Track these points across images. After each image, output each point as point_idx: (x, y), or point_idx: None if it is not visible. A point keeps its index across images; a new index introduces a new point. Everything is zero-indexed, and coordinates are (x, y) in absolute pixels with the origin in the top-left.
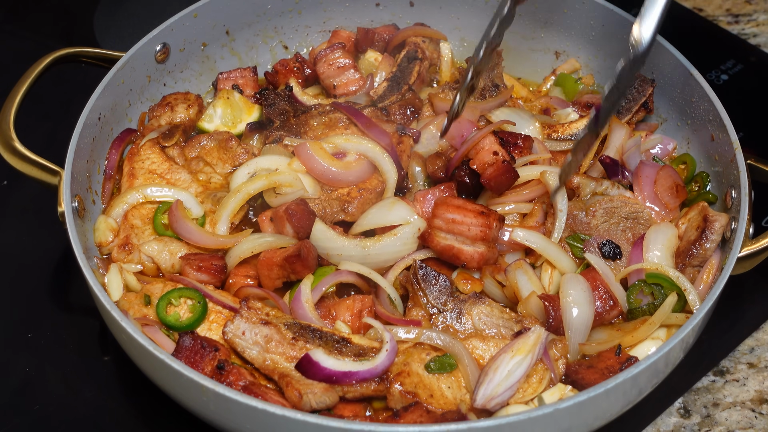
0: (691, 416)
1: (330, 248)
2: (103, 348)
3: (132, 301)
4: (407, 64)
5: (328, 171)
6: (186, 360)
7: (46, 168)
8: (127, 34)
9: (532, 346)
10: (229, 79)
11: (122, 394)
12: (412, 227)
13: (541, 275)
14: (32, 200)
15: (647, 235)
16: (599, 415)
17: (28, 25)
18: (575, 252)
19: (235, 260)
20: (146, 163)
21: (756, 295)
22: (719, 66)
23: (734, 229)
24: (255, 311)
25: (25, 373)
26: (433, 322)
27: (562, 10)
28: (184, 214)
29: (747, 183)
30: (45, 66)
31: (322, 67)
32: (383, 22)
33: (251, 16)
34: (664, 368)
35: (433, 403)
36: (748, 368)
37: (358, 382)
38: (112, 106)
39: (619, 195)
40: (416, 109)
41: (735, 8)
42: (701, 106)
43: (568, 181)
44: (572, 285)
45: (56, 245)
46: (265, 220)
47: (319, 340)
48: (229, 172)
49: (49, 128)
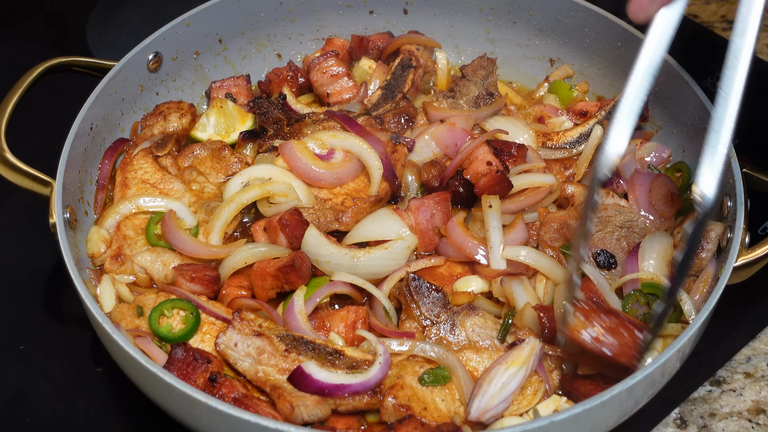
0: (688, 427)
1: (320, 254)
2: (95, 359)
3: (124, 312)
4: (401, 72)
5: (310, 170)
6: (178, 372)
7: (38, 179)
8: (120, 42)
9: (526, 357)
10: (222, 87)
11: (115, 405)
12: (403, 243)
13: (536, 285)
14: (24, 211)
15: (642, 244)
16: (595, 426)
17: (20, 34)
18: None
19: (229, 271)
20: (139, 172)
21: (752, 304)
22: (714, 73)
23: (730, 239)
24: (247, 323)
25: (17, 384)
26: (427, 334)
27: (556, 17)
28: (177, 224)
29: (743, 191)
30: (37, 75)
31: (316, 75)
32: (377, 29)
33: (244, 24)
34: (661, 378)
35: (426, 416)
36: (744, 378)
37: (351, 394)
38: (104, 116)
39: (614, 204)
40: (410, 118)
41: (730, 15)
42: (696, 114)
43: (562, 190)
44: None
45: (48, 256)
46: (258, 230)
47: (311, 352)
48: (222, 182)
49: (41, 138)
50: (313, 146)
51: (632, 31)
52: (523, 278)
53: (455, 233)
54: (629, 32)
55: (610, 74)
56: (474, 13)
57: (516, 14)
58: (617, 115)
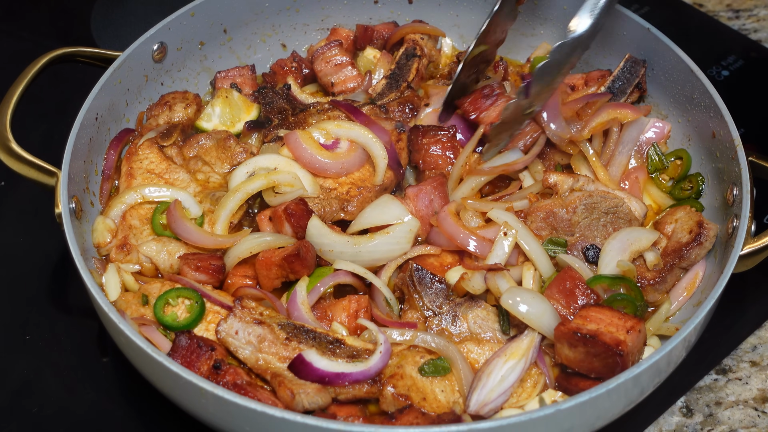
0: (694, 415)
1: (323, 244)
2: (101, 349)
3: (130, 300)
4: (406, 62)
5: (315, 159)
6: (182, 360)
7: (43, 169)
8: (125, 33)
9: (525, 350)
10: (227, 77)
11: (121, 395)
12: (405, 227)
13: (523, 274)
14: (30, 201)
15: (615, 236)
16: (601, 414)
17: (25, 25)
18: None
19: (234, 260)
20: (144, 162)
21: (758, 292)
22: (720, 62)
23: (736, 227)
24: (249, 311)
25: (24, 375)
26: (428, 324)
27: (561, 6)
28: (183, 213)
29: (749, 180)
30: (42, 66)
31: (320, 64)
32: (382, 19)
33: (249, 14)
34: (666, 367)
35: (425, 406)
36: (750, 366)
37: (351, 383)
38: (110, 106)
39: (597, 189)
40: (415, 107)
41: (735, 3)
42: (702, 103)
43: (545, 179)
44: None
45: (54, 246)
46: (263, 219)
47: (312, 340)
48: (227, 172)
49: (46, 128)
50: (318, 136)
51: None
52: (505, 272)
53: (447, 223)
54: (634, 21)
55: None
56: (479, 3)
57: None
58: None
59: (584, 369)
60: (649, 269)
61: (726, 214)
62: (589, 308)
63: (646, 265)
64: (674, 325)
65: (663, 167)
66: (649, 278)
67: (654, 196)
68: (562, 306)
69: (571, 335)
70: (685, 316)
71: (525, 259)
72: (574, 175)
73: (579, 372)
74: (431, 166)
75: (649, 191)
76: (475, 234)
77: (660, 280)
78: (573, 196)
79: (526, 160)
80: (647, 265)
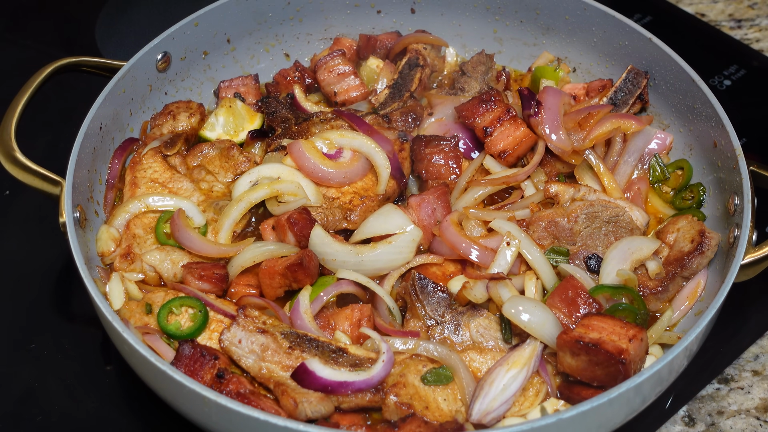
0: (696, 424)
1: (326, 253)
2: (105, 358)
3: (133, 309)
4: (409, 71)
5: (318, 169)
6: (185, 368)
7: (47, 178)
8: (129, 42)
9: (527, 358)
10: (230, 87)
11: (124, 403)
12: (407, 236)
13: (526, 283)
14: (34, 210)
15: (616, 245)
16: (603, 423)
17: (30, 34)
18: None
19: (237, 269)
20: (148, 172)
21: (760, 302)
22: (722, 71)
23: (737, 237)
24: (252, 319)
25: (27, 383)
26: (431, 333)
27: (563, 16)
28: (186, 223)
29: (750, 190)
30: (46, 75)
31: (323, 74)
32: (385, 29)
33: (252, 24)
34: (668, 376)
35: (428, 415)
36: (752, 376)
37: (354, 392)
38: (114, 116)
39: (598, 199)
40: (418, 116)
41: (737, 13)
42: (703, 112)
43: (546, 189)
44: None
45: (58, 255)
46: (267, 228)
47: (315, 349)
48: (231, 181)
49: (51, 137)
50: (321, 145)
51: (639, 30)
52: (507, 282)
53: (449, 233)
54: (636, 31)
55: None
56: (481, 13)
57: (523, 13)
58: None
59: (586, 377)
60: (651, 278)
61: (727, 224)
62: (591, 317)
63: (648, 274)
64: (676, 334)
65: (665, 178)
66: (651, 287)
67: (656, 206)
68: (564, 315)
69: (574, 344)
70: (687, 325)
71: (527, 268)
72: (575, 185)
73: (581, 381)
74: (434, 176)
75: (650, 201)
76: (478, 243)
77: (662, 289)
78: (574, 206)
79: (527, 171)
80: (649, 274)
